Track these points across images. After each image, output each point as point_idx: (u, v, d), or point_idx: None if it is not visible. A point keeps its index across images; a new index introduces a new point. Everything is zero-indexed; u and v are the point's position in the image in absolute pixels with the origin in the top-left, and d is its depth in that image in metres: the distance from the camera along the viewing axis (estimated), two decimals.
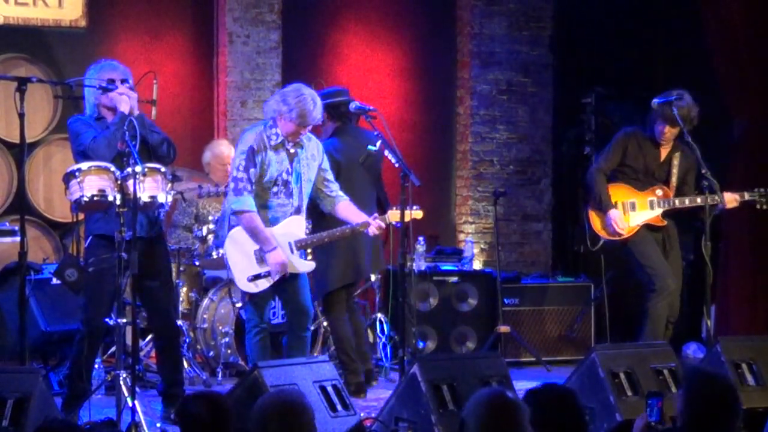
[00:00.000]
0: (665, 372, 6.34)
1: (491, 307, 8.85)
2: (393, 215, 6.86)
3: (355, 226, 6.88)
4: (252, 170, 6.66)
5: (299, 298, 6.83)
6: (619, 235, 7.86)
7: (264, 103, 6.98)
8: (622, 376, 6.25)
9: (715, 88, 8.82)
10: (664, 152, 7.93)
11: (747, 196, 7.76)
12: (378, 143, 7.13)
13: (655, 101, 7.73)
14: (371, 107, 7.43)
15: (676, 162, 7.92)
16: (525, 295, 9.02)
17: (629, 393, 6.18)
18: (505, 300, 8.81)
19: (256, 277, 6.69)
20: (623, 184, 7.97)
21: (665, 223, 7.90)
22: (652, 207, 7.89)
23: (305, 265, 6.90)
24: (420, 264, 8.73)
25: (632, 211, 7.91)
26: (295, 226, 6.79)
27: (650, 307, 7.80)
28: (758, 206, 7.82)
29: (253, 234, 6.67)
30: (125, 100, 6.47)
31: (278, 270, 6.66)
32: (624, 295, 8.15)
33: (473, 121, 10.26)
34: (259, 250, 6.70)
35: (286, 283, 6.79)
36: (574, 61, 10.32)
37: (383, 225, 6.85)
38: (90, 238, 6.58)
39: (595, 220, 7.99)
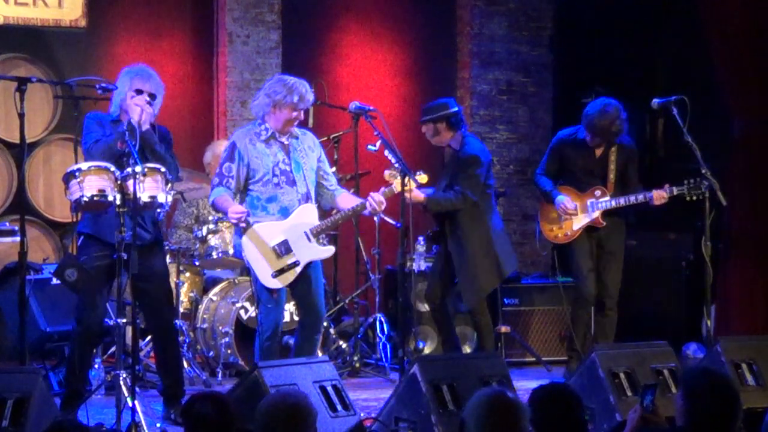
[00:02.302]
0: (665, 372, 6.35)
1: (491, 307, 8.83)
2: (398, 184, 6.86)
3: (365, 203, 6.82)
4: (228, 164, 6.72)
5: (313, 298, 6.80)
6: (574, 213, 7.92)
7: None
8: (622, 376, 6.26)
9: (715, 88, 8.82)
10: (598, 150, 8.01)
11: (675, 191, 7.74)
12: (378, 143, 7.12)
13: (655, 101, 7.73)
14: (371, 107, 7.44)
15: (613, 158, 7.99)
16: (525, 295, 9.01)
17: (629, 393, 6.19)
18: (505, 300, 8.81)
19: (281, 271, 6.68)
20: (567, 187, 8.07)
21: (605, 223, 7.97)
22: (592, 209, 7.96)
23: (324, 251, 6.90)
24: (420, 264, 8.71)
25: (574, 216, 7.96)
26: (307, 215, 6.77)
27: (574, 311, 8.15)
28: (687, 198, 7.75)
29: (215, 207, 6.82)
30: (137, 111, 6.32)
31: (236, 218, 6.58)
32: (622, 295, 8.13)
33: (473, 121, 10.25)
34: (279, 245, 6.68)
35: (300, 282, 6.76)
36: (574, 61, 10.31)
37: (383, 199, 6.82)
38: (81, 238, 6.56)
39: (544, 225, 8.13)
